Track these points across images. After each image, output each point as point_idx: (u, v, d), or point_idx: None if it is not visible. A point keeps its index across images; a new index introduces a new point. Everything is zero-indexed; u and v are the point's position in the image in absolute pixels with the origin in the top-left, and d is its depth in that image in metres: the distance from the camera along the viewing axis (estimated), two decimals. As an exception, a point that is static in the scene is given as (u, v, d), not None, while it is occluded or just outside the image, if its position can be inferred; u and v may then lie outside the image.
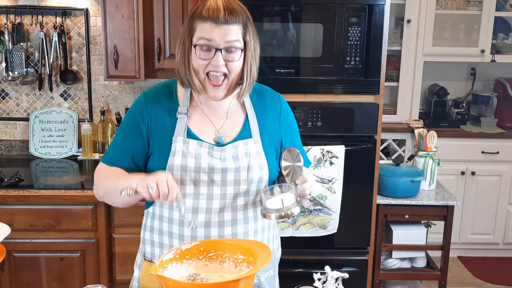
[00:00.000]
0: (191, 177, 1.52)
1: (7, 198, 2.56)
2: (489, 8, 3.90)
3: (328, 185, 2.60)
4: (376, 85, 2.60)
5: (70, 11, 3.08)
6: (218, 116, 1.58)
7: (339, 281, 1.51)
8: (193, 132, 1.55)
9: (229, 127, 1.58)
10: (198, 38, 1.45)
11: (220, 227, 1.54)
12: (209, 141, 1.55)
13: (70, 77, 3.15)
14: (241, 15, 1.46)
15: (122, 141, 1.60)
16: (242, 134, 1.57)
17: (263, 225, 1.62)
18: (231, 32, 1.44)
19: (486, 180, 3.93)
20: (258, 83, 1.65)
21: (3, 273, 2.63)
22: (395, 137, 3.98)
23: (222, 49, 1.45)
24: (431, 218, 3.02)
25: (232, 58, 1.47)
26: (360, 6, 2.53)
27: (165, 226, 1.57)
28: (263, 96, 1.65)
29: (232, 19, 1.44)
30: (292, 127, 1.69)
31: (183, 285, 1.28)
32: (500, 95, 4.16)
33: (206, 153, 1.53)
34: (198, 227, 1.54)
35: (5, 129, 3.23)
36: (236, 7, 1.46)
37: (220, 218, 1.54)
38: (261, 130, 1.59)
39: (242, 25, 1.47)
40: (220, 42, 1.44)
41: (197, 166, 1.52)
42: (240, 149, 1.55)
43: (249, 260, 1.36)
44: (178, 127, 1.55)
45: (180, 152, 1.52)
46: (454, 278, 3.66)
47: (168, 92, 1.60)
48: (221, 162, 1.53)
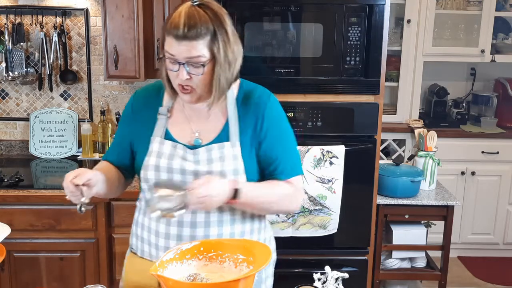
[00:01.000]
0: (165, 177, 1.54)
1: (7, 198, 2.56)
2: (489, 8, 3.90)
3: (328, 185, 2.60)
4: (376, 85, 2.60)
5: (70, 11, 3.08)
6: (199, 118, 1.58)
7: (339, 281, 1.51)
8: (171, 133, 1.57)
9: (208, 130, 1.57)
10: (165, 51, 1.45)
11: (192, 228, 1.54)
12: (185, 143, 1.56)
13: (70, 77, 3.14)
14: (207, 26, 1.41)
15: (116, 138, 1.69)
16: (219, 137, 1.56)
17: (252, 227, 1.61)
18: (192, 48, 1.41)
19: (486, 180, 3.93)
20: (251, 83, 1.64)
21: (3, 273, 2.63)
22: (395, 137, 3.98)
23: (184, 64, 1.43)
24: (431, 218, 3.02)
25: (196, 72, 1.44)
26: (360, 6, 2.53)
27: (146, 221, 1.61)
28: (250, 99, 1.59)
29: (193, 34, 1.40)
30: (277, 133, 1.60)
31: (183, 285, 1.28)
32: (500, 95, 4.16)
33: (180, 155, 1.54)
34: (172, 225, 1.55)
35: (5, 129, 3.23)
36: (200, 19, 1.41)
37: (192, 219, 1.54)
38: (241, 134, 1.56)
39: (210, 36, 1.42)
40: (181, 58, 1.43)
41: (170, 167, 1.53)
42: (215, 153, 1.53)
43: (249, 260, 1.36)
44: (157, 127, 1.58)
45: (156, 153, 1.55)
46: (454, 278, 3.66)
47: (156, 91, 1.62)
48: (194, 165, 1.52)
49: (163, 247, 1.56)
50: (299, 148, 2.53)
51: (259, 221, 1.64)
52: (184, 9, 1.43)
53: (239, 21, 2.52)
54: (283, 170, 1.59)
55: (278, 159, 1.58)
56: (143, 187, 1.60)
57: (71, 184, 1.42)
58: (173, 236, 1.55)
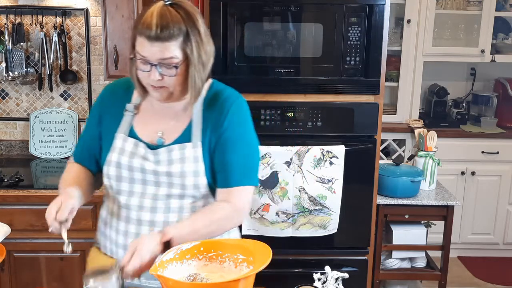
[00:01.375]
0: (126, 174, 1.54)
1: (7, 198, 2.56)
2: (489, 8, 3.90)
3: (328, 185, 2.60)
4: (376, 85, 2.60)
5: (70, 11, 3.08)
6: (165, 117, 1.56)
7: (339, 281, 1.51)
8: (135, 130, 1.56)
9: (172, 130, 1.56)
10: (136, 51, 1.42)
11: (151, 227, 1.54)
12: (148, 142, 1.55)
13: (70, 77, 3.14)
14: (180, 26, 1.38)
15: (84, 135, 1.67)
16: (182, 138, 1.54)
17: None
18: (165, 49, 1.38)
19: (486, 180, 3.93)
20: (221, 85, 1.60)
21: (3, 273, 2.63)
22: (395, 137, 3.98)
23: (157, 65, 1.40)
24: (431, 218, 3.02)
25: (168, 73, 1.42)
26: (360, 6, 2.53)
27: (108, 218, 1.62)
28: (216, 100, 1.55)
29: (165, 35, 1.37)
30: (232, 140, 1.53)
31: (183, 285, 1.28)
32: (500, 95, 4.16)
33: (141, 154, 1.53)
34: (131, 223, 1.55)
35: (5, 129, 3.23)
36: (173, 19, 1.38)
37: (151, 218, 1.54)
38: (203, 135, 1.54)
39: (183, 37, 1.39)
40: (153, 59, 1.40)
41: (130, 165, 1.53)
42: (175, 154, 1.52)
43: (249, 260, 1.36)
44: (122, 123, 1.57)
45: (118, 149, 1.55)
46: (454, 278, 3.66)
47: (126, 87, 1.60)
48: (154, 165, 1.52)
49: (122, 244, 1.56)
50: (299, 148, 2.55)
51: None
52: (156, 9, 1.39)
53: (239, 21, 2.52)
54: (230, 178, 1.52)
55: (228, 164, 1.52)
56: (106, 183, 1.59)
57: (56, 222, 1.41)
58: (131, 234, 1.55)
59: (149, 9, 1.41)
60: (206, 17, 2.51)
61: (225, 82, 2.42)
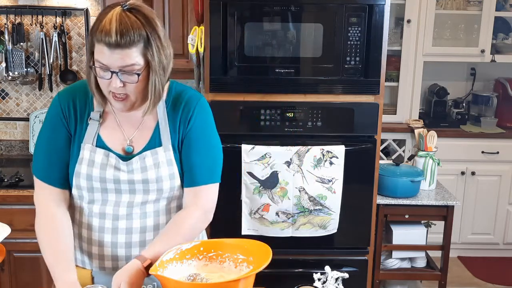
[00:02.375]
0: (98, 185, 1.49)
1: (7, 198, 2.56)
2: (489, 8, 3.90)
3: (328, 185, 2.60)
4: (376, 85, 2.60)
5: (70, 11, 3.08)
6: (130, 124, 1.52)
7: (339, 281, 1.51)
8: (103, 140, 1.51)
9: (139, 136, 1.52)
10: (95, 59, 1.37)
11: (128, 234, 1.52)
12: (117, 151, 1.50)
13: (70, 77, 3.14)
14: (140, 32, 1.34)
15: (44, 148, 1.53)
16: (151, 143, 1.51)
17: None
18: (126, 56, 1.34)
19: (486, 180, 3.93)
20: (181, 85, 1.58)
21: (3, 273, 2.63)
22: (395, 137, 3.98)
23: (118, 72, 1.36)
24: (431, 218, 3.02)
25: (130, 80, 1.38)
26: (360, 6, 2.53)
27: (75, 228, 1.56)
28: (179, 101, 1.54)
29: (126, 41, 1.32)
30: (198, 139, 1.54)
31: (183, 285, 1.28)
32: (500, 95, 4.16)
33: (113, 165, 1.48)
34: (106, 232, 1.52)
35: (5, 129, 3.23)
36: (132, 25, 1.33)
37: (128, 225, 1.52)
38: (173, 138, 1.52)
39: (143, 43, 1.35)
40: (114, 67, 1.35)
41: (103, 177, 1.48)
42: (148, 160, 1.49)
43: (249, 260, 1.36)
44: (88, 133, 1.50)
45: (87, 161, 1.49)
46: (454, 278, 3.66)
47: (84, 94, 1.53)
48: (127, 175, 1.49)
49: (97, 254, 1.53)
50: (299, 148, 2.55)
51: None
52: (114, 15, 1.33)
53: (239, 21, 2.52)
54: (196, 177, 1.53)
55: (194, 164, 1.52)
56: (74, 193, 1.54)
57: None
58: (107, 243, 1.52)
59: (106, 14, 1.35)
60: (206, 17, 2.51)
61: (225, 82, 2.43)
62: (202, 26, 2.58)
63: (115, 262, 1.54)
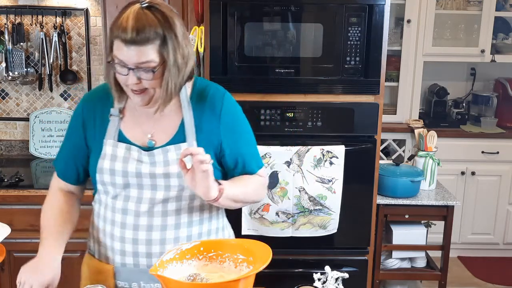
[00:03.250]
0: (120, 181, 1.51)
1: (7, 198, 2.56)
2: (489, 8, 3.91)
3: (328, 185, 2.60)
4: (376, 85, 2.60)
5: (70, 11, 3.09)
6: (151, 119, 1.54)
7: (339, 281, 1.51)
8: (125, 134, 1.53)
9: (161, 131, 1.54)
10: (114, 55, 1.40)
11: (148, 231, 1.52)
12: (139, 145, 1.52)
13: (70, 77, 3.15)
14: (156, 30, 1.36)
15: (66, 146, 1.65)
16: (175, 138, 1.53)
17: (200, 230, 1.58)
18: (141, 53, 1.36)
19: (486, 180, 3.94)
20: (204, 81, 1.60)
21: (3, 273, 2.63)
22: (395, 137, 3.98)
23: (134, 69, 1.38)
24: (431, 218, 3.02)
25: (145, 77, 1.40)
26: (360, 6, 2.53)
27: (101, 224, 1.60)
28: (204, 96, 1.56)
29: (142, 39, 1.35)
30: (236, 129, 1.59)
31: (183, 285, 1.28)
32: (500, 95, 4.16)
33: (135, 158, 1.50)
34: (127, 228, 1.53)
35: (5, 129, 3.23)
36: (150, 23, 1.36)
37: (148, 222, 1.52)
38: (198, 133, 1.53)
39: (159, 40, 1.37)
40: (130, 63, 1.38)
41: (125, 171, 1.50)
42: (171, 154, 1.50)
43: (249, 260, 1.36)
44: (109, 129, 1.53)
45: (109, 156, 1.52)
46: (454, 278, 3.66)
47: (105, 93, 1.56)
48: (149, 167, 1.50)
49: (118, 250, 1.55)
50: (299, 148, 2.55)
51: (217, 221, 1.64)
52: (132, 12, 1.36)
53: (239, 21, 2.52)
54: (250, 165, 1.59)
55: (243, 155, 1.57)
56: (100, 188, 1.57)
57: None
58: (129, 239, 1.53)
59: (125, 11, 1.38)
60: (206, 17, 2.51)
61: (225, 82, 2.42)
62: (202, 26, 2.58)
63: (135, 258, 1.54)
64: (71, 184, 1.65)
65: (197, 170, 1.35)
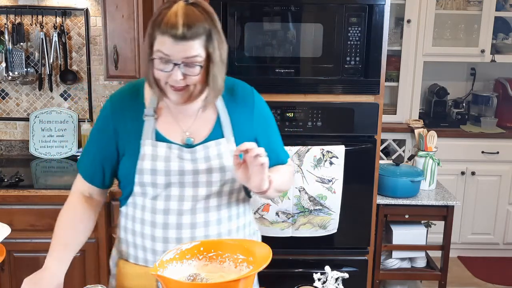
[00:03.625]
0: (162, 180, 1.51)
1: (7, 198, 2.56)
2: (489, 8, 3.90)
3: (328, 185, 2.60)
4: (376, 85, 2.60)
5: (70, 11, 3.08)
6: (186, 116, 1.55)
7: (339, 281, 1.51)
8: (162, 134, 1.53)
9: (198, 128, 1.55)
10: (156, 51, 1.40)
11: (192, 229, 1.53)
12: (178, 143, 1.52)
13: (70, 77, 3.14)
14: (203, 25, 1.39)
15: (93, 148, 1.61)
16: (213, 134, 1.54)
17: (238, 224, 1.60)
18: (190, 48, 1.38)
19: (486, 180, 3.93)
20: (230, 78, 1.61)
21: (3, 273, 2.63)
22: (395, 137, 3.98)
23: (180, 64, 1.39)
24: (431, 218, 3.02)
25: (191, 72, 1.41)
26: (360, 6, 2.53)
27: (137, 227, 1.57)
28: (235, 92, 1.60)
29: (192, 34, 1.37)
30: (268, 122, 1.64)
31: (183, 285, 1.28)
32: (500, 95, 4.16)
33: (176, 156, 1.50)
34: (170, 228, 1.53)
35: (5, 129, 3.23)
36: (198, 19, 1.38)
37: (192, 220, 1.53)
38: (234, 129, 1.55)
39: (205, 36, 1.39)
40: (177, 58, 1.38)
41: (167, 170, 1.50)
42: (212, 150, 1.52)
43: (249, 260, 1.36)
44: (145, 129, 1.52)
45: (150, 156, 1.50)
46: (454, 278, 3.66)
47: (134, 93, 1.56)
48: (192, 164, 1.50)
49: (161, 251, 1.53)
50: (299, 148, 2.55)
51: (244, 218, 1.64)
52: (180, 9, 1.38)
53: (239, 21, 2.52)
54: (281, 156, 1.66)
55: (275, 146, 1.63)
56: (137, 190, 1.55)
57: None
58: (172, 239, 1.53)
59: (169, 8, 1.39)
60: (206, 17, 2.51)
61: (225, 82, 2.41)
62: (202, 26, 2.58)
63: None
64: (96, 187, 1.62)
65: (253, 164, 1.37)
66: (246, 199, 1.63)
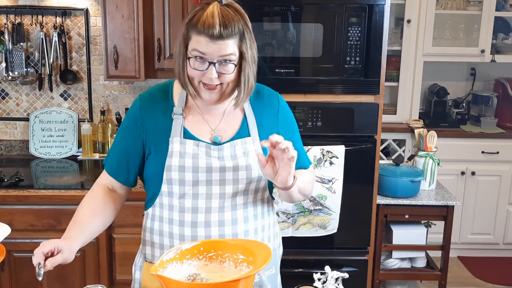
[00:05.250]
0: (190, 177, 1.53)
1: (7, 198, 2.56)
2: (489, 8, 3.90)
3: (328, 185, 2.60)
4: (376, 85, 2.60)
5: (70, 11, 3.09)
6: (214, 115, 1.58)
7: (339, 281, 1.51)
8: (190, 132, 1.56)
9: (225, 127, 1.58)
10: (192, 49, 1.44)
11: (220, 226, 1.54)
12: (206, 141, 1.55)
13: (70, 77, 3.15)
14: (238, 25, 1.44)
15: (119, 145, 1.63)
16: (240, 133, 1.58)
17: (263, 223, 1.62)
18: (226, 46, 1.43)
19: (486, 180, 3.93)
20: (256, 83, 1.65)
21: (3, 273, 2.63)
22: (395, 137, 3.98)
23: (216, 63, 1.44)
24: (431, 218, 3.02)
25: (226, 70, 1.46)
26: (360, 6, 2.53)
27: (165, 227, 1.58)
28: (261, 95, 1.65)
29: (227, 33, 1.42)
30: (291, 126, 1.69)
31: (183, 285, 1.28)
32: (500, 95, 4.16)
33: (204, 153, 1.53)
34: (199, 227, 1.54)
35: (5, 129, 3.23)
36: (233, 18, 1.44)
37: (220, 218, 1.55)
38: (259, 129, 1.60)
39: (239, 35, 1.45)
40: (213, 57, 1.43)
41: (195, 166, 1.52)
42: (238, 148, 1.55)
43: (249, 260, 1.36)
44: (174, 127, 1.56)
45: (178, 153, 1.53)
46: (454, 278, 3.66)
47: (163, 93, 1.61)
48: (219, 161, 1.53)
49: None
50: (299, 148, 2.55)
51: (268, 217, 1.66)
52: (216, 9, 1.43)
53: (239, 21, 2.52)
54: (303, 161, 1.68)
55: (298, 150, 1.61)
56: (164, 190, 1.56)
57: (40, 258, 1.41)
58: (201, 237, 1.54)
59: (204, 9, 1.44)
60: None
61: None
62: (202, 26, 2.57)
63: None
64: (119, 183, 1.64)
65: (281, 157, 1.39)
66: (270, 199, 1.65)
